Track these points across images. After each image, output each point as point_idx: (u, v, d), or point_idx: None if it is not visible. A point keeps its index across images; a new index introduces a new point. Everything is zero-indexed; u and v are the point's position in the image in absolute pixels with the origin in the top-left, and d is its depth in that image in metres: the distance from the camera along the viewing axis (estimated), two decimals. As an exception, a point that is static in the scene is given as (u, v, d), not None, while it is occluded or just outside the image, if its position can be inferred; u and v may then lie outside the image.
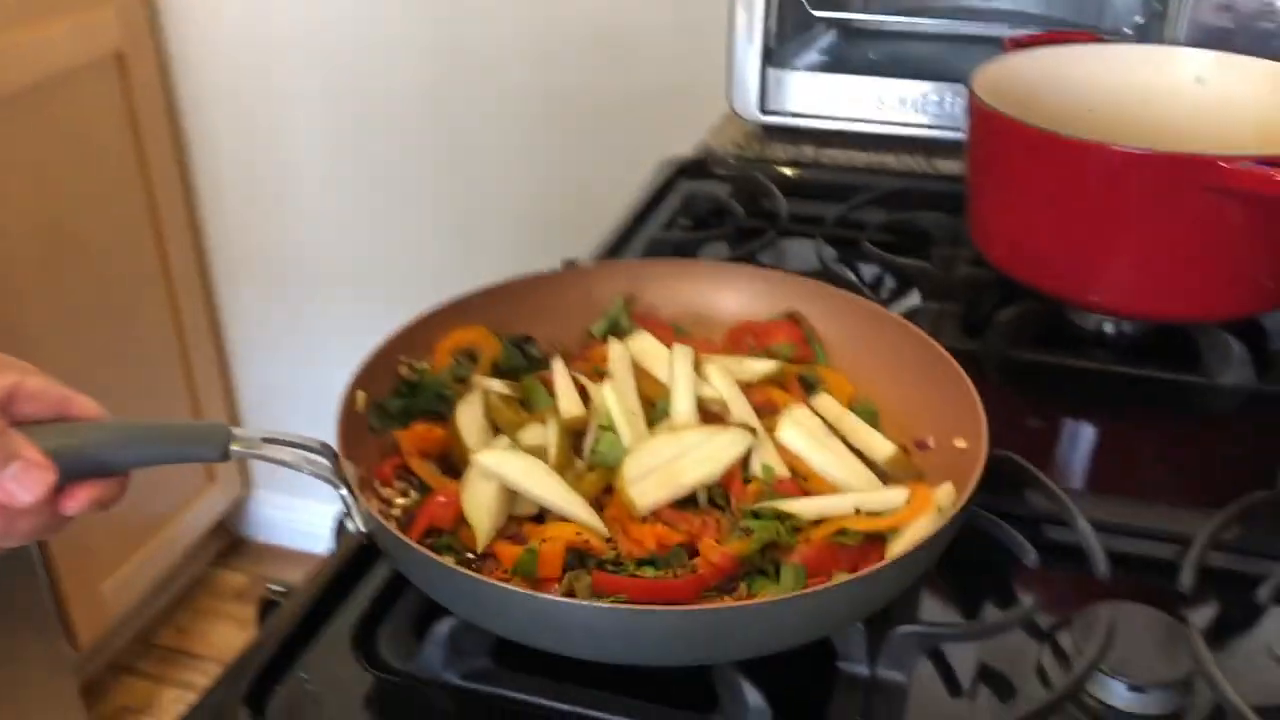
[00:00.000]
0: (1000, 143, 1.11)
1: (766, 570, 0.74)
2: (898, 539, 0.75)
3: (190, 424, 0.72)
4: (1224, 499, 0.82)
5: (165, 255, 2.34)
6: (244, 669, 0.74)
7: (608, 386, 0.84)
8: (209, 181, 2.39)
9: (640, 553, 0.74)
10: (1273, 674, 0.72)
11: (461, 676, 0.72)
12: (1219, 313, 1.07)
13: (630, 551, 0.74)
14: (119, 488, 0.71)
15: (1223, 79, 1.19)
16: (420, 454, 0.81)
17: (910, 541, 0.73)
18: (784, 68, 1.52)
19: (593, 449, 0.82)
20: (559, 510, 0.76)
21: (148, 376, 2.37)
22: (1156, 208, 1.00)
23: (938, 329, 1.14)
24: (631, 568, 0.73)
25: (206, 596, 2.62)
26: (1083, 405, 1.07)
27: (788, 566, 0.72)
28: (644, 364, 0.89)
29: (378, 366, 0.83)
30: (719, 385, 0.85)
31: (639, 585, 0.70)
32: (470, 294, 0.90)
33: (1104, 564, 0.77)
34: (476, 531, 0.75)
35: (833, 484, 0.81)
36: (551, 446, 0.80)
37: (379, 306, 2.32)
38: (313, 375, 2.48)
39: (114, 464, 0.70)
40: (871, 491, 0.79)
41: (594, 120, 2.02)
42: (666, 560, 0.73)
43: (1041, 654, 0.76)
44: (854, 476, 0.81)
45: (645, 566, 0.73)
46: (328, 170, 2.24)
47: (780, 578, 0.72)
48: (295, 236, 2.37)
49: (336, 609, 0.79)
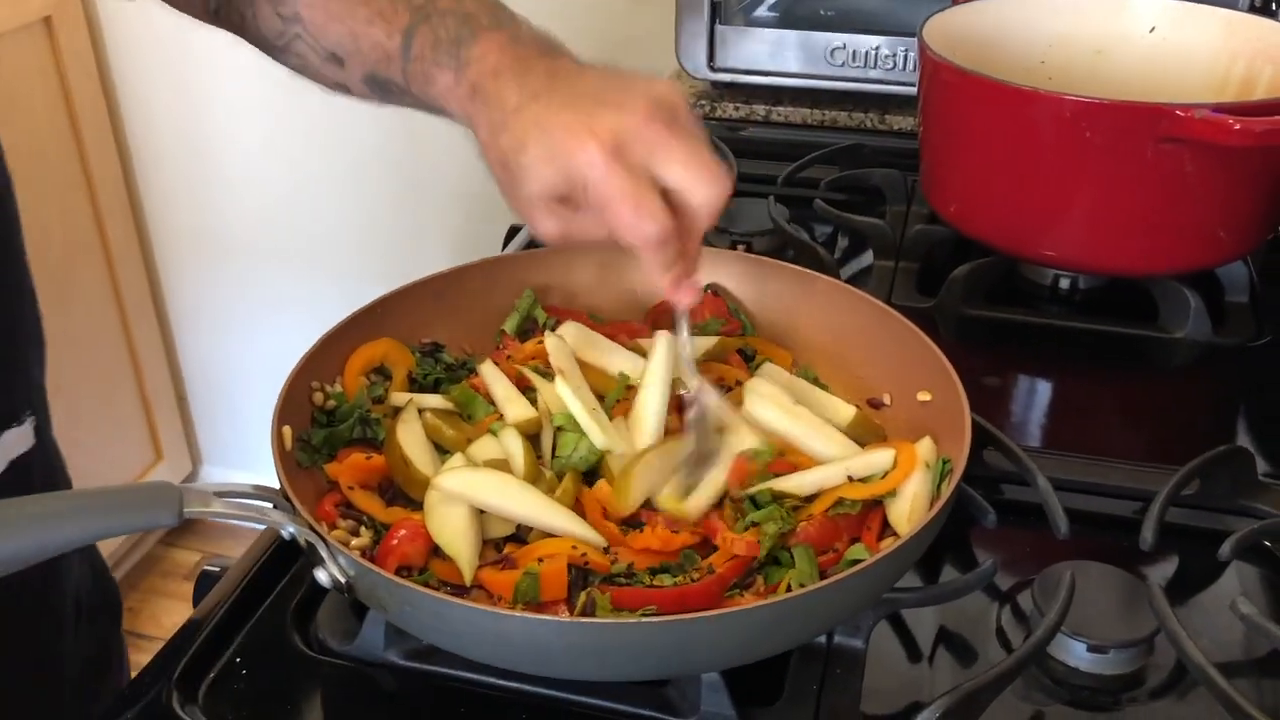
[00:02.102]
0: (951, 95, 1.09)
1: (780, 558, 0.70)
2: (895, 500, 0.73)
3: (136, 487, 0.64)
4: (1183, 454, 0.81)
5: (103, 228, 2.28)
6: (177, 652, 0.71)
7: (561, 383, 0.78)
8: (145, 151, 2.32)
9: (650, 560, 0.69)
10: (1235, 630, 0.71)
11: (404, 657, 0.69)
12: (1175, 266, 1.06)
13: (637, 560, 0.69)
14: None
15: (1176, 28, 1.18)
16: (361, 486, 0.75)
17: (910, 500, 0.71)
18: (733, 24, 1.48)
19: (556, 453, 0.77)
20: (545, 526, 0.70)
21: (90, 354, 2.31)
22: (1110, 159, 0.99)
23: (892, 287, 1.12)
24: (646, 578, 0.69)
25: (157, 577, 2.57)
26: (1039, 361, 1.05)
27: (799, 549, 0.69)
28: (584, 356, 0.84)
29: (293, 397, 0.76)
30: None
31: (665, 595, 0.66)
32: (370, 305, 0.84)
33: (1064, 523, 0.75)
34: (460, 562, 0.68)
35: (811, 455, 0.77)
36: (515, 457, 0.75)
37: (322, 276, 2.27)
38: (258, 348, 2.43)
39: (50, 546, 0.61)
40: (857, 457, 0.76)
41: (540, 81, 1.97)
42: (680, 565, 0.70)
43: (1002, 615, 0.75)
44: (832, 444, 0.78)
45: (661, 574, 0.69)
46: (267, 137, 2.18)
47: (796, 563, 0.69)
48: (235, 206, 2.30)
49: (273, 587, 0.76)
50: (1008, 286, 1.14)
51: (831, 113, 1.48)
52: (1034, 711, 0.68)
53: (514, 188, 0.68)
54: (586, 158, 0.64)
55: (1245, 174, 1.00)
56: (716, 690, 0.65)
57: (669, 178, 0.65)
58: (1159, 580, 0.73)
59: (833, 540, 0.71)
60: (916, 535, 0.64)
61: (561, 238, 0.69)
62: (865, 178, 1.30)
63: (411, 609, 0.63)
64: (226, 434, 2.68)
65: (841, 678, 0.68)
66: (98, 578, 1.01)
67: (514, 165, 0.67)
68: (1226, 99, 1.12)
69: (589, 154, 0.64)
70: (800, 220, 1.24)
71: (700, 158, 0.65)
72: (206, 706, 0.68)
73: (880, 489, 0.73)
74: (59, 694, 0.93)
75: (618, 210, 0.64)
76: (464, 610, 0.61)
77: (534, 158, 0.66)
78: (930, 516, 0.65)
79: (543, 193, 0.67)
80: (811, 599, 0.61)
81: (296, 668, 0.71)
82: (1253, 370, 1.02)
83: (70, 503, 0.62)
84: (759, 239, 1.21)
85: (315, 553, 0.65)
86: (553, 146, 0.65)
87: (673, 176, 0.65)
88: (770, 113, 1.50)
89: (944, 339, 0.83)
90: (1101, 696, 0.69)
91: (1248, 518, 0.80)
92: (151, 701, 0.68)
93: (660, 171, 0.65)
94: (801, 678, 0.68)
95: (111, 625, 1.03)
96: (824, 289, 0.88)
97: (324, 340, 0.81)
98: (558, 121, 0.65)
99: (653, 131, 0.65)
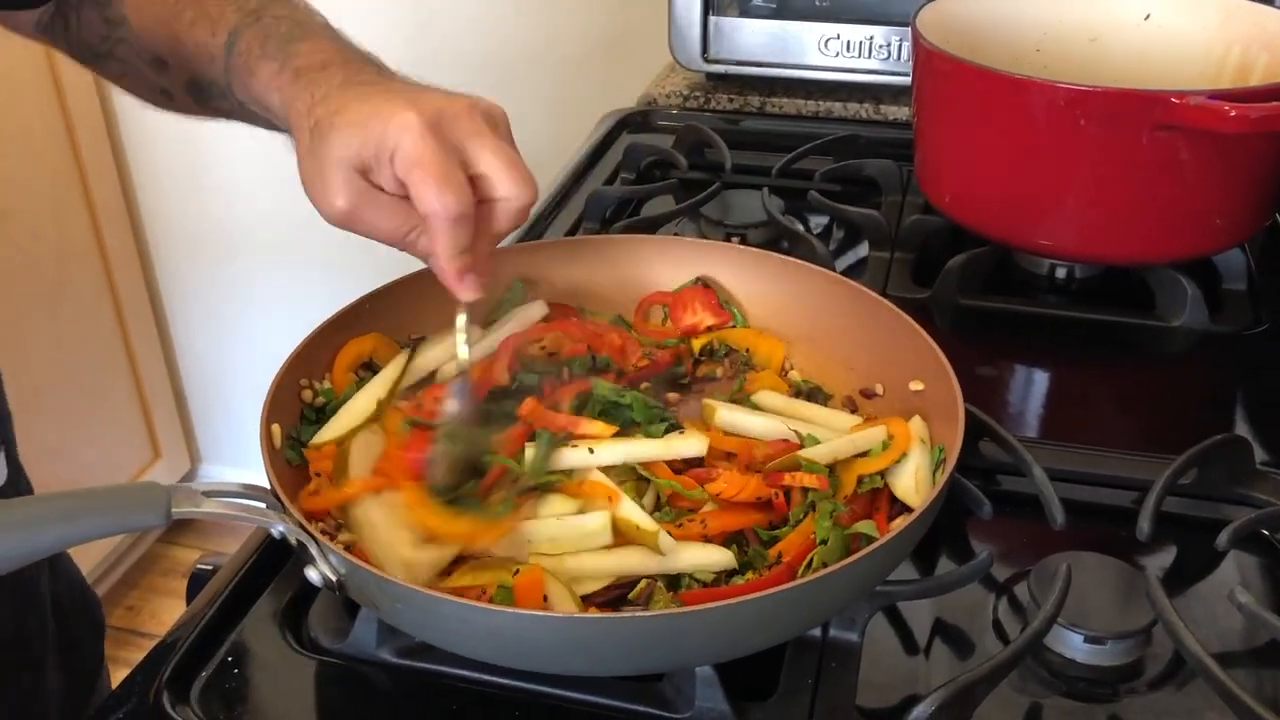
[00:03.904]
0: (945, 84, 1.08)
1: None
2: (900, 475, 0.73)
3: (123, 488, 0.64)
4: (1180, 443, 0.80)
5: (98, 228, 2.27)
6: (168, 652, 0.70)
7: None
8: (141, 151, 2.31)
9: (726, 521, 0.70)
10: (1234, 620, 0.71)
11: (396, 654, 0.69)
12: (1171, 254, 1.05)
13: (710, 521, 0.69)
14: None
15: (1172, 14, 1.17)
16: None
17: (913, 474, 0.72)
18: (726, 15, 1.48)
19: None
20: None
21: (86, 354, 2.31)
22: (1106, 147, 0.98)
23: (888, 278, 1.12)
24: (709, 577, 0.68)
25: (157, 575, 2.57)
26: (1035, 351, 1.05)
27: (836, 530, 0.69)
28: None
29: (282, 395, 0.76)
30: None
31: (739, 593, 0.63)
32: (357, 301, 0.83)
33: (1060, 513, 0.75)
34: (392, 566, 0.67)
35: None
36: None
37: (320, 274, 2.27)
38: (255, 346, 2.43)
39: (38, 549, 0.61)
40: (857, 433, 0.76)
41: (532, 73, 1.97)
42: (749, 563, 0.69)
43: (998, 607, 0.74)
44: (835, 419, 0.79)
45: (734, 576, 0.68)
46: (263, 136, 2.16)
47: (828, 541, 0.68)
48: (232, 204, 2.30)
49: (264, 586, 0.75)
50: (1003, 276, 1.13)
51: (826, 103, 1.47)
52: (1031, 703, 0.68)
53: (317, 151, 0.67)
54: (402, 121, 0.64)
55: (1241, 161, 0.99)
56: (711, 685, 0.64)
57: (479, 163, 0.66)
58: (1156, 570, 0.73)
59: (848, 521, 0.71)
60: (908, 527, 0.64)
61: (348, 215, 0.68)
62: (860, 168, 1.29)
63: (403, 606, 0.63)
64: (224, 432, 2.68)
65: (837, 671, 0.68)
66: (79, 596, 1.00)
67: (326, 127, 0.66)
68: (1222, 85, 1.12)
69: (406, 118, 0.64)
70: (795, 212, 1.24)
71: (513, 157, 0.67)
72: (198, 706, 0.67)
73: (888, 459, 0.73)
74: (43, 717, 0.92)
75: (422, 176, 0.64)
76: (456, 606, 0.61)
77: (348, 120, 0.66)
78: (930, 499, 0.65)
79: (347, 156, 0.66)
80: (804, 591, 0.61)
81: (289, 666, 0.70)
82: (1250, 358, 1.02)
83: (57, 505, 0.61)
84: (753, 231, 1.21)
85: (306, 551, 0.64)
86: (371, 112, 0.65)
87: (483, 162, 0.66)
88: (764, 104, 1.49)
89: (940, 329, 0.83)
90: (1099, 688, 0.68)
91: (1245, 506, 0.79)
92: (142, 701, 0.67)
93: (472, 154, 0.66)
94: (796, 671, 0.68)
95: (95, 645, 1.02)
96: (814, 280, 0.87)
97: (312, 337, 0.80)
98: (380, 94, 0.66)
99: (472, 120, 0.66)
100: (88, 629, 1.00)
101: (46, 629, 0.92)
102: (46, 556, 0.62)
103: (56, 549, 0.61)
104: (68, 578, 0.98)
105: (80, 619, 0.99)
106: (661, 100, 1.53)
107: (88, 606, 1.02)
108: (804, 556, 0.68)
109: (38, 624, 0.91)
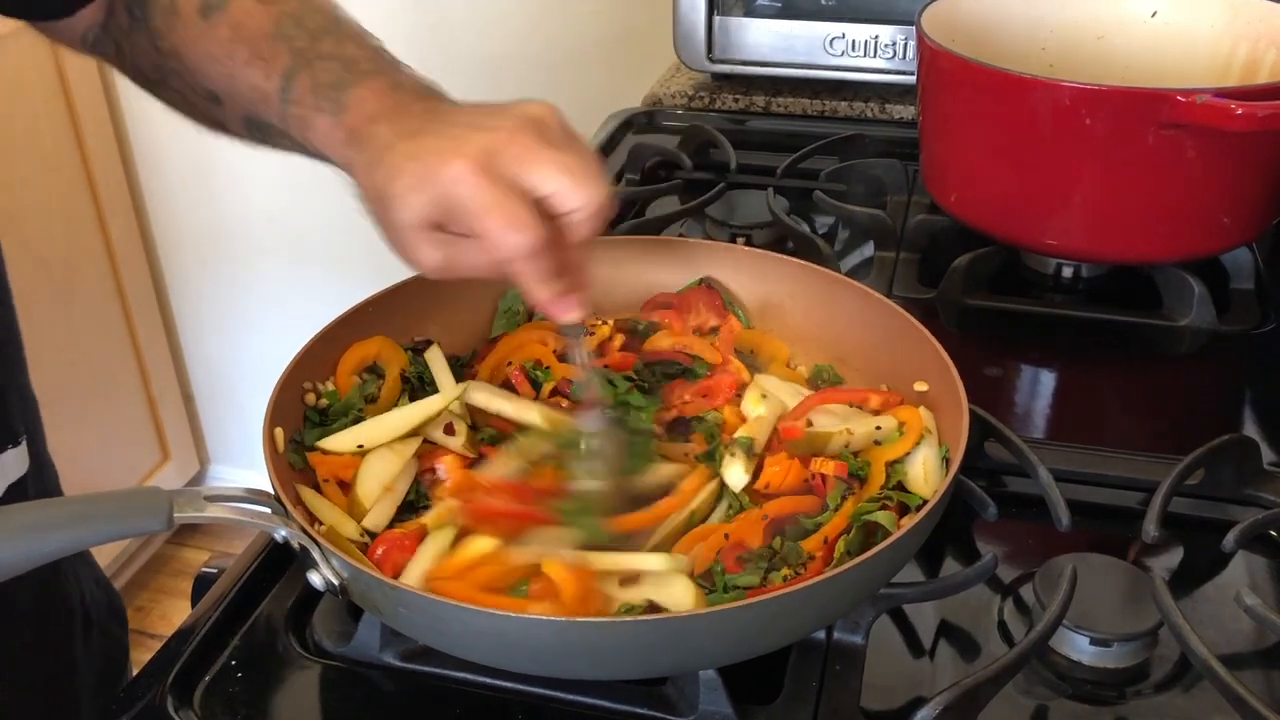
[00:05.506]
0: (950, 83, 1.08)
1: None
2: (909, 466, 0.74)
3: (125, 493, 0.64)
4: (1187, 443, 0.79)
5: (105, 228, 2.28)
6: (172, 656, 0.70)
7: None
8: (148, 151, 2.32)
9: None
10: (1240, 623, 0.70)
11: (399, 658, 0.69)
12: (1178, 253, 1.04)
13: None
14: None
15: (1178, 11, 1.16)
16: (335, 479, 0.75)
17: (922, 464, 0.73)
18: (731, 14, 1.47)
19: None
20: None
21: (94, 355, 2.31)
22: (1112, 146, 0.98)
23: (894, 278, 1.11)
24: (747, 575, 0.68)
25: (166, 576, 2.58)
26: (1042, 351, 1.04)
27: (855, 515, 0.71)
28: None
29: (286, 398, 0.76)
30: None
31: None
32: (361, 304, 0.83)
33: (1066, 514, 0.74)
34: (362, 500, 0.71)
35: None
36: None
37: (328, 274, 2.27)
38: (264, 346, 2.43)
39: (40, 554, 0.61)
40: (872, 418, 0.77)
41: (537, 73, 1.97)
42: (783, 558, 0.69)
43: (1004, 609, 0.74)
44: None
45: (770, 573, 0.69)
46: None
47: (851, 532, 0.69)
48: (239, 204, 2.30)
49: (268, 589, 0.75)
50: (1009, 276, 1.13)
51: (831, 103, 1.47)
52: (1036, 706, 0.67)
53: (391, 222, 0.67)
54: (453, 174, 0.63)
55: (1249, 159, 0.99)
56: (714, 689, 0.64)
57: (539, 185, 0.65)
58: (1162, 572, 0.72)
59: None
60: (914, 526, 0.64)
61: (444, 268, 0.67)
62: (865, 168, 1.29)
63: (406, 610, 0.63)
64: (234, 433, 2.68)
65: (841, 674, 0.67)
66: (102, 588, 1.01)
67: (387, 197, 0.66)
68: (1229, 84, 1.11)
69: (455, 170, 0.63)
70: (800, 212, 1.24)
71: (570, 163, 0.65)
72: (202, 709, 0.67)
73: (905, 444, 0.74)
74: (75, 705, 0.93)
75: (487, 224, 0.63)
76: (459, 610, 0.60)
77: (405, 185, 0.65)
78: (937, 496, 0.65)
79: (417, 220, 0.66)
80: (809, 593, 0.61)
81: (292, 670, 0.70)
82: (1258, 357, 1.01)
83: (59, 510, 0.62)
84: (758, 231, 1.21)
85: (309, 555, 0.64)
86: (423, 172, 0.65)
87: (541, 183, 0.64)
88: (769, 103, 1.49)
89: (946, 330, 0.83)
90: (1105, 690, 0.68)
91: (1253, 507, 0.79)
92: (147, 705, 0.67)
93: (529, 181, 0.64)
94: (801, 675, 0.67)
95: (121, 634, 1.03)
96: (817, 280, 0.87)
97: (315, 340, 0.80)
98: (428, 148, 0.65)
99: (519, 144, 0.64)
100: (110, 614, 1.01)
101: (75, 613, 0.93)
102: (48, 562, 0.62)
103: (59, 554, 0.61)
104: (85, 560, 0.99)
105: (103, 604, 0.99)
106: (666, 100, 1.53)
107: (108, 594, 1.02)
108: (838, 532, 0.69)
109: (69, 602, 0.92)
